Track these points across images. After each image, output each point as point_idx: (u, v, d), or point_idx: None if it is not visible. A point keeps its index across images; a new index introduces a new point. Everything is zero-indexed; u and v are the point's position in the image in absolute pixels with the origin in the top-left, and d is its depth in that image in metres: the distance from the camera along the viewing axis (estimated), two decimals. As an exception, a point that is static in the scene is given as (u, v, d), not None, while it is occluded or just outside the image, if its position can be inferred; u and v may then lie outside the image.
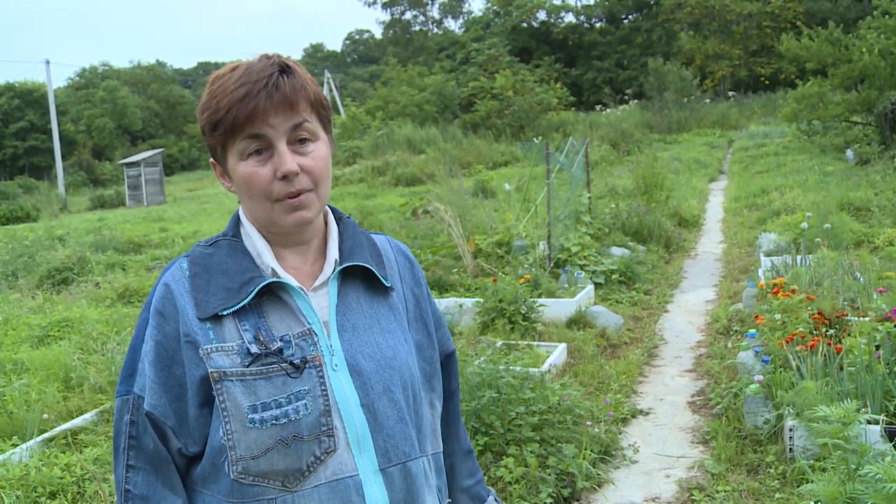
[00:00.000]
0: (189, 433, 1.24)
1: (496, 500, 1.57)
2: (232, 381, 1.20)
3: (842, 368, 4.06)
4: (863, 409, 3.18)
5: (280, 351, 1.22)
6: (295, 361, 1.22)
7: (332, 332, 1.27)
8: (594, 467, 4.03)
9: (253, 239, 1.30)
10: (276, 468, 1.20)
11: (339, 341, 1.27)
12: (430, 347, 1.42)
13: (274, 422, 1.19)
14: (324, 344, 1.25)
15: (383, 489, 1.25)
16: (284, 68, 1.24)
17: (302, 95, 1.24)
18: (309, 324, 1.25)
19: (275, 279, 1.25)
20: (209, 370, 1.20)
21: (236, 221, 1.34)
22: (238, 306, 1.23)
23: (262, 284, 1.23)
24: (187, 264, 1.29)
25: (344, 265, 1.31)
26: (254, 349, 1.21)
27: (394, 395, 1.29)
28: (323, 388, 1.23)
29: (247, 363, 1.20)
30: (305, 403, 1.21)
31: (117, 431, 1.25)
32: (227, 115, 1.21)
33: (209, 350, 1.21)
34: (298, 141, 1.25)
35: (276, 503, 1.20)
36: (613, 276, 8.29)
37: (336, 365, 1.25)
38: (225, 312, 1.22)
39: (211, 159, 1.33)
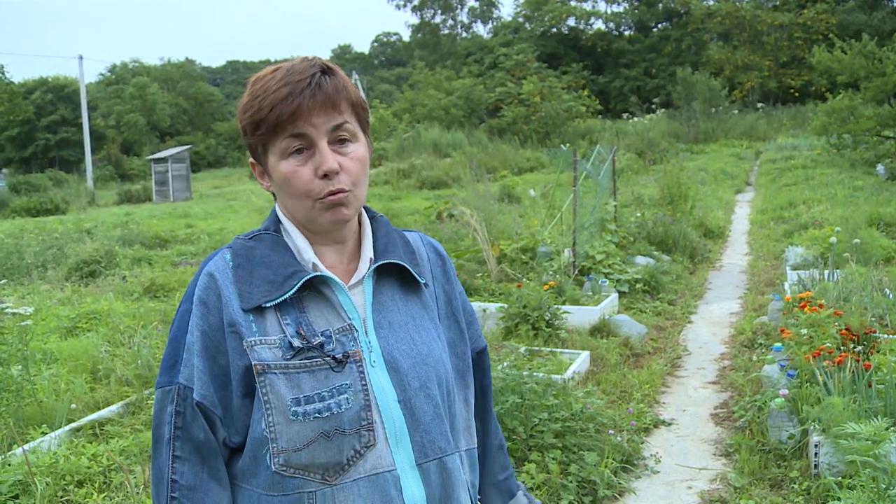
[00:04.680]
0: (232, 423, 1.26)
1: (525, 494, 1.58)
2: (276, 373, 1.21)
3: (870, 385, 4.02)
4: (892, 428, 3.15)
5: (321, 346, 1.24)
6: (337, 356, 1.24)
7: (369, 328, 1.29)
8: (616, 476, 4.02)
9: (292, 236, 1.32)
10: (318, 461, 1.22)
11: (377, 338, 1.29)
12: (461, 343, 1.44)
13: (317, 415, 1.21)
14: (363, 340, 1.27)
15: (420, 484, 1.27)
16: (326, 69, 1.27)
17: (343, 96, 1.26)
18: (349, 319, 1.28)
19: (318, 273, 1.27)
20: (253, 363, 1.21)
21: (275, 218, 1.35)
22: (281, 299, 1.24)
23: (305, 278, 1.25)
24: (230, 255, 1.30)
25: (378, 263, 1.33)
26: (296, 343, 1.23)
27: (430, 392, 1.30)
28: (363, 383, 1.25)
29: (289, 357, 1.22)
30: (347, 398, 1.23)
31: (159, 422, 1.26)
32: (270, 113, 1.22)
33: (252, 343, 1.22)
34: (339, 141, 1.27)
35: (315, 496, 1.22)
36: (638, 286, 8.26)
37: (374, 361, 1.27)
38: (268, 305, 1.24)
39: (250, 159, 1.34)
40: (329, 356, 1.24)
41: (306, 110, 1.22)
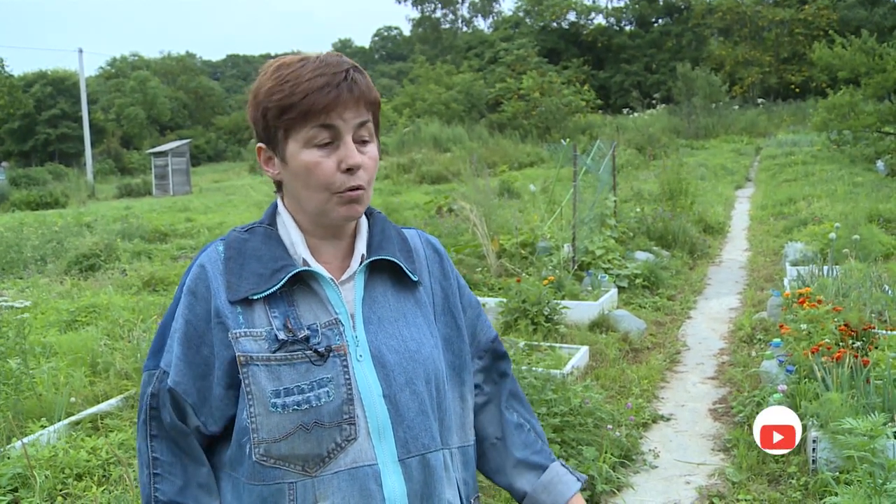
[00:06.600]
0: (210, 412, 1.28)
1: (563, 465, 1.51)
2: (258, 365, 1.23)
3: (868, 381, 4.02)
4: (889, 424, 3.16)
5: (307, 339, 1.25)
6: (319, 349, 1.24)
7: (357, 323, 1.29)
8: (614, 471, 4.02)
9: (288, 229, 1.32)
10: (297, 452, 1.23)
11: (365, 333, 1.29)
12: (459, 340, 1.43)
13: (296, 407, 1.22)
14: (349, 334, 1.28)
15: (401, 479, 1.27)
16: (356, 66, 1.28)
17: (371, 96, 1.28)
18: (336, 314, 1.28)
19: (305, 268, 1.28)
20: (236, 354, 1.23)
21: (273, 211, 1.36)
22: (268, 292, 1.26)
23: (292, 272, 1.26)
24: (223, 247, 1.32)
25: (370, 259, 1.33)
26: (281, 336, 1.24)
27: (416, 388, 1.30)
28: (346, 377, 1.25)
29: (273, 349, 1.23)
30: (328, 391, 1.24)
31: (142, 404, 1.31)
32: (304, 100, 1.22)
33: (238, 334, 1.24)
34: (360, 139, 1.28)
35: (295, 487, 1.23)
36: (637, 281, 8.27)
37: (360, 356, 1.27)
38: (255, 297, 1.26)
39: (259, 144, 1.32)
40: (311, 349, 1.24)
41: (342, 103, 1.23)
